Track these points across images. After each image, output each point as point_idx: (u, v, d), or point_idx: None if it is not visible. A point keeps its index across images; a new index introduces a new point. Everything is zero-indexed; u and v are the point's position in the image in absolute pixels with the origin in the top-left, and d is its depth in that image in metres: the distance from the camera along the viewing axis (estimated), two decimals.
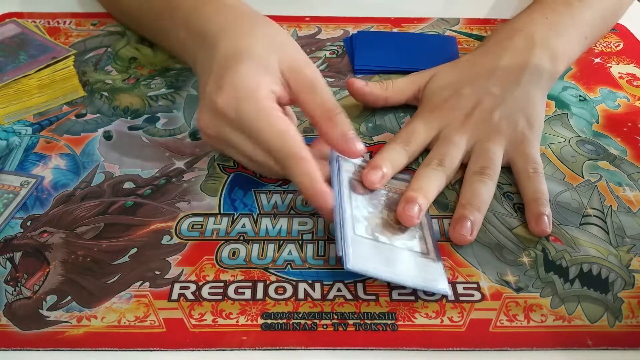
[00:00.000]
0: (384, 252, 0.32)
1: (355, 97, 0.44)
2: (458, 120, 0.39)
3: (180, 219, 0.35)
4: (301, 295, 0.31)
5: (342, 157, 0.35)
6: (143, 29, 0.51)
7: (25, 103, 0.43)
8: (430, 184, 0.35)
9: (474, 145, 0.38)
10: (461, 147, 0.38)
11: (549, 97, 0.47)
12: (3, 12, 0.56)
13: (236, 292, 0.31)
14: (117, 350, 0.28)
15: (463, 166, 0.38)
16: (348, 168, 0.36)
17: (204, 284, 0.31)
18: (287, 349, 0.29)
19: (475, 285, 0.32)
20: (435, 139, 0.39)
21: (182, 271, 0.32)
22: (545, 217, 0.34)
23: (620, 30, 0.57)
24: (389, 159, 0.37)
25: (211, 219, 0.35)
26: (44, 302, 0.30)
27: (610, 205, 0.37)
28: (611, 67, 0.52)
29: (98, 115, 0.44)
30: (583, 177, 0.39)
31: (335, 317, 0.30)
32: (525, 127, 0.39)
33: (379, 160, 0.36)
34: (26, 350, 0.28)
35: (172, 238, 0.34)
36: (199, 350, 0.28)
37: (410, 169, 0.39)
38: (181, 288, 0.31)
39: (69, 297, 0.30)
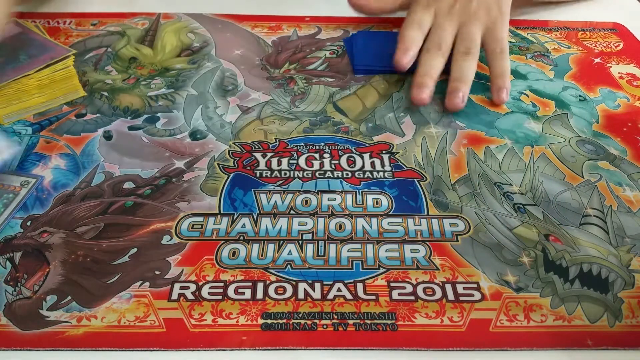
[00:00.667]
0: None
1: (353, 8, 0.54)
2: (445, 10, 0.47)
3: (180, 219, 0.35)
4: (301, 295, 0.31)
5: None
6: None
7: (25, 103, 0.43)
8: (434, 67, 0.45)
9: (458, 29, 0.47)
10: (451, 32, 0.47)
11: (549, 97, 0.47)
12: None
13: (236, 292, 0.31)
14: (117, 350, 0.28)
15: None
16: None
17: (204, 284, 0.31)
18: (287, 349, 0.29)
19: (475, 285, 0.32)
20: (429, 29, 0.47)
21: (182, 271, 0.32)
22: (505, 90, 0.46)
23: (620, 30, 0.57)
24: (427, 65, 0.46)
25: (211, 219, 0.35)
26: (44, 302, 0.30)
27: (610, 205, 0.37)
28: (611, 67, 0.52)
29: (98, 115, 0.44)
30: (583, 177, 0.39)
31: (335, 317, 0.30)
32: (497, 13, 0.47)
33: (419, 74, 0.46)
34: (26, 350, 0.28)
35: (172, 238, 0.34)
36: (199, 350, 0.28)
37: None
38: (181, 288, 0.31)
39: (69, 297, 0.30)
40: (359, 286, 0.31)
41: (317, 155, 0.40)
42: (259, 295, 0.31)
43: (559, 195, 0.38)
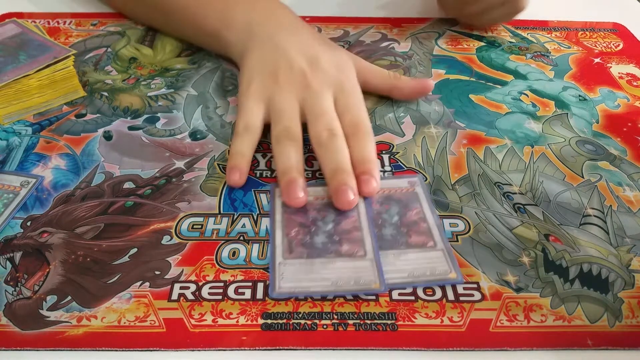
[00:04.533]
0: (314, 267, 0.32)
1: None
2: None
3: (180, 219, 0.35)
4: (301, 295, 0.31)
5: (277, 185, 0.37)
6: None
7: (25, 103, 0.43)
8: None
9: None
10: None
11: (549, 97, 0.47)
12: (3, 12, 0.56)
13: (236, 292, 0.31)
14: (117, 350, 0.28)
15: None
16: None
17: (204, 284, 0.31)
18: (287, 349, 0.29)
19: (475, 285, 0.32)
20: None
21: (182, 271, 0.32)
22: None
23: (620, 30, 0.57)
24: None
25: (211, 219, 0.35)
26: (44, 302, 0.30)
27: (610, 205, 0.37)
28: (611, 67, 0.52)
29: (98, 115, 0.44)
30: (583, 177, 0.39)
31: (335, 317, 0.30)
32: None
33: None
34: (26, 350, 0.28)
35: (172, 238, 0.34)
36: (199, 350, 0.28)
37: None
38: (181, 288, 0.31)
39: (69, 297, 0.30)
40: None
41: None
42: (259, 295, 0.31)
43: (559, 195, 0.38)
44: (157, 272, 0.32)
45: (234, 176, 0.37)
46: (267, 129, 0.40)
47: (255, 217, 0.35)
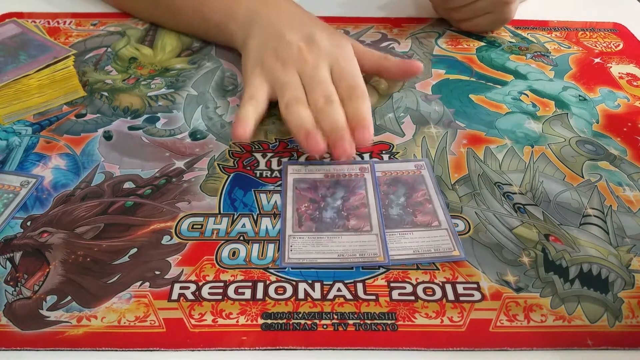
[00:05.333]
0: (322, 240, 0.33)
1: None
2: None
3: (180, 219, 0.35)
4: (301, 295, 0.31)
5: (289, 162, 0.39)
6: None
7: (25, 103, 0.43)
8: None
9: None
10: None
11: (549, 97, 0.47)
12: (3, 12, 0.56)
13: (236, 292, 0.31)
14: (117, 350, 0.28)
15: None
16: (295, 169, 0.39)
17: (204, 284, 0.31)
18: (287, 349, 0.29)
19: (475, 285, 0.32)
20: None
21: (182, 271, 0.32)
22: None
23: (620, 30, 0.57)
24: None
25: (211, 219, 0.35)
26: (44, 302, 0.30)
27: (610, 205, 0.37)
28: (611, 67, 0.52)
29: (98, 115, 0.44)
30: (583, 177, 0.39)
31: (335, 317, 0.30)
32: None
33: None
34: (26, 350, 0.28)
35: (172, 238, 0.34)
36: (199, 350, 0.28)
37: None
38: (181, 288, 0.31)
39: (69, 297, 0.30)
40: (359, 286, 0.31)
41: (317, 155, 0.40)
42: (259, 295, 0.31)
43: (559, 195, 0.38)
44: (157, 272, 0.32)
45: (239, 129, 0.38)
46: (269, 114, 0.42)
47: (255, 217, 0.35)
